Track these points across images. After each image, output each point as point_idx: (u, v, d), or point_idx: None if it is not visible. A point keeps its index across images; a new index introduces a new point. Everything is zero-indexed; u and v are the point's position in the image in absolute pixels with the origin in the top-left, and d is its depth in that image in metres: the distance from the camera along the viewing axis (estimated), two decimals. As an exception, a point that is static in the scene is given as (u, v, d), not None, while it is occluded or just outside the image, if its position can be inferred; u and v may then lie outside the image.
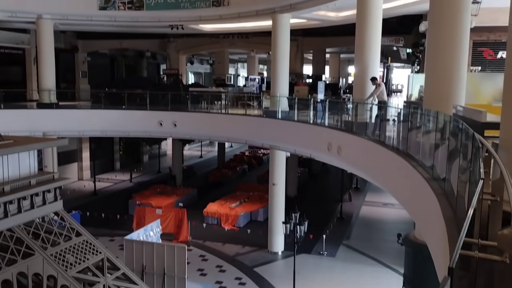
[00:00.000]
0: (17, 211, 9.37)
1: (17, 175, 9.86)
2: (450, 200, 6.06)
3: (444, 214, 5.76)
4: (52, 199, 10.26)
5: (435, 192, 6.60)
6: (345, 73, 45.15)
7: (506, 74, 5.61)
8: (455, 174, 6.01)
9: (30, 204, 9.68)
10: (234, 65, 52.42)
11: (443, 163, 7.10)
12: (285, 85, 19.91)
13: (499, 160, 4.05)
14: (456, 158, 6.23)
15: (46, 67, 21.39)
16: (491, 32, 14.31)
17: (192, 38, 31.62)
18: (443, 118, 7.48)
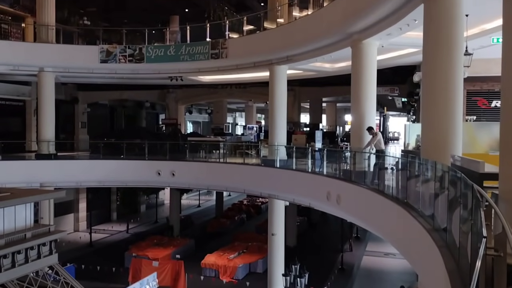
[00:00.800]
0: (11, 266, 9.16)
1: (13, 228, 9.72)
2: (453, 252, 5.96)
3: (447, 266, 5.64)
4: (47, 253, 10.06)
5: (436, 244, 6.50)
6: (342, 121, 45.69)
7: (502, 123, 5.67)
8: (456, 224, 5.95)
9: (25, 258, 9.48)
10: (232, 114, 53.08)
11: (444, 213, 7.04)
12: (283, 133, 20.10)
13: (501, 214, 4.02)
14: (456, 208, 6.18)
15: (46, 118, 21.60)
16: (484, 82, 14.64)
17: (191, 89, 32.20)
18: (441, 168, 7.50)
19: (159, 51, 21.35)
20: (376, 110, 15.96)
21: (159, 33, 24.52)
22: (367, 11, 12.19)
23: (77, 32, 25.57)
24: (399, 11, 11.40)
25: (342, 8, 13.85)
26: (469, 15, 9.91)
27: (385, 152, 13.28)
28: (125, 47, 21.51)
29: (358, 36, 14.06)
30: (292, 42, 17.22)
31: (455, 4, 9.43)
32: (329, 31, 15.01)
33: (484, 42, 12.80)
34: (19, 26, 24.58)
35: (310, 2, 18.32)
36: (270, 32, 18.95)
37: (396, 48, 15.63)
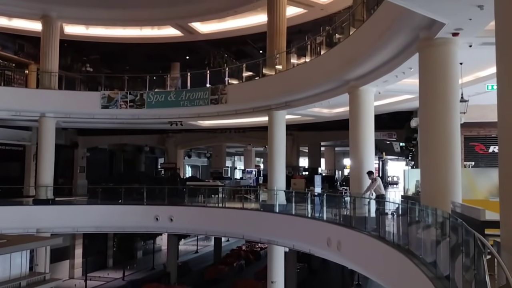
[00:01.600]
0: (3, 317, 8.90)
1: (8, 276, 9.52)
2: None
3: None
4: (41, 302, 9.81)
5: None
6: (341, 165, 45.73)
7: (500, 170, 5.70)
8: (459, 272, 5.86)
9: (18, 308, 9.24)
10: (231, 158, 53.17)
11: (446, 260, 6.96)
12: (282, 178, 20.08)
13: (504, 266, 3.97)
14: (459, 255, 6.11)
15: (45, 163, 21.62)
16: (481, 127, 14.81)
17: (190, 133, 32.44)
18: (442, 215, 7.47)
19: (160, 97, 21.69)
20: (374, 154, 16.04)
21: (160, 79, 25.01)
22: (363, 60, 12.51)
23: (80, 79, 26.05)
24: (394, 60, 11.70)
25: (339, 56, 14.22)
26: (463, 63, 10.16)
27: (385, 197, 13.24)
28: (126, 93, 21.86)
29: (355, 83, 14.35)
30: (290, 89, 17.55)
31: (449, 53, 9.70)
32: (326, 78, 15.33)
33: (479, 89, 13.06)
34: (23, 72, 25.05)
35: (307, 50, 18.78)
36: (268, 78, 19.33)
37: (393, 94, 15.91)
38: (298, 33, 22.03)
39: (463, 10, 7.88)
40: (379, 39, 10.95)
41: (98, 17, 22.91)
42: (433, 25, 9.16)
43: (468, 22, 8.39)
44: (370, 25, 11.67)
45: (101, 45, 26.21)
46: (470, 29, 8.82)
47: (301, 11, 21.27)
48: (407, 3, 7.96)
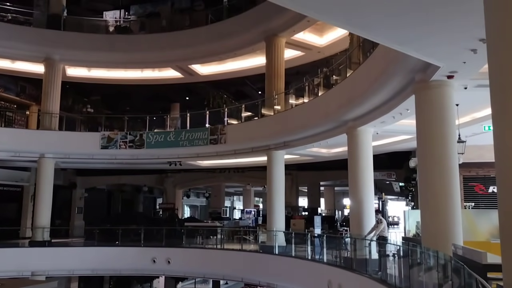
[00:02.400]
0: None
1: (-1, 322, 9.25)
2: None
3: None
4: None
5: None
6: (341, 205, 45.36)
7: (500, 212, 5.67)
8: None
9: None
10: (230, 198, 52.77)
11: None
12: (281, 218, 19.88)
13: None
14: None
15: (43, 204, 21.45)
16: (480, 167, 14.83)
17: (189, 173, 32.38)
18: (443, 258, 7.38)
19: (159, 137, 21.80)
20: (374, 194, 15.97)
21: (160, 119, 25.23)
22: (360, 101, 12.67)
23: (80, 119, 26.28)
24: (391, 101, 11.85)
25: (336, 98, 14.43)
26: (459, 104, 10.29)
27: (387, 239, 13.09)
28: (126, 133, 21.99)
29: (353, 124, 14.48)
30: (288, 129, 17.69)
31: (445, 95, 9.83)
32: (324, 119, 15.48)
33: (476, 130, 13.16)
34: (24, 113, 25.29)
35: (305, 91, 19.07)
36: (267, 119, 19.52)
37: (391, 134, 16.01)
38: (296, 75, 22.46)
39: (457, 54, 8.05)
40: (375, 81, 11.14)
41: (100, 60, 23.38)
42: (428, 68, 9.33)
43: (462, 65, 8.56)
44: (366, 67, 11.90)
45: (102, 86, 26.63)
46: (464, 72, 8.98)
47: (299, 53, 21.76)
48: (402, 47, 8.14)
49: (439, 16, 6.70)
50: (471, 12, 6.25)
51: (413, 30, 7.20)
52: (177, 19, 24.33)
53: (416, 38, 7.54)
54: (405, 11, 6.61)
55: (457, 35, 7.32)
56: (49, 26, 22.72)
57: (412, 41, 7.76)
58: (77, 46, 22.20)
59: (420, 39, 7.58)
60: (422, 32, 7.28)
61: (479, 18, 5.36)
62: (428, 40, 7.65)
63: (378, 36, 8.04)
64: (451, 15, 6.63)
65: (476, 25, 6.44)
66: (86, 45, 22.30)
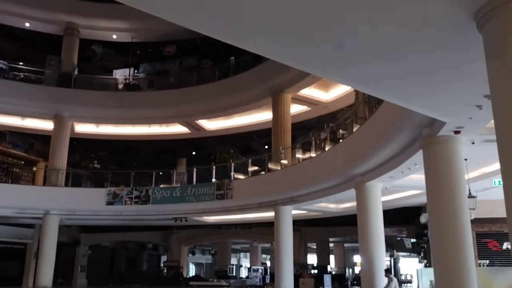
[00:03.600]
0: None
1: None
2: None
3: None
4: None
5: None
6: (351, 262, 44.09)
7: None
8: None
9: None
10: (236, 255, 51.55)
11: None
12: (290, 276, 19.20)
13: None
14: None
15: (46, 262, 20.99)
16: (492, 223, 14.44)
17: (194, 229, 31.85)
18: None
19: (165, 193, 21.64)
20: (385, 251, 15.50)
21: (166, 174, 25.15)
22: (367, 156, 12.59)
23: (87, 175, 26.28)
24: (398, 156, 11.75)
25: (343, 153, 14.37)
26: (468, 159, 10.15)
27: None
28: (132, 189, 21.88)
29: (361, 179, 14.31)
30: (296, 184, 17.50)
31: (452, 150, 9.72)
32: (332, 174, 15.34)
33: (486, 185, 12.94)
34: (31, 169, 25.36)
35: (312, 145, 19.06)
36: (274, 173, 19.40)
37: (400, 189, 15.79)
38: (302, 129, 22.56)
39: (462, 110, 8.03)
40: (382, 136, 11.10)
41: (109, 116, 23.73)
42: (435, 123, 9.29)
43: (468, 120, 8.52)
44: (372, 122, 11.91)
45: (109, 142, 26.84)
46: (471, 127, 8.92)
47: (305, 108, 22.00)
48: (407, 104, 8.14)
49: (442, 78, 6.75)
50: (474, 73, 6.29)
51: (417, 88, 7.22)
52: (185, 77, 24.90)
53: (421, 96, 7.55)
54: (407, 73, 6.67)
55: (462, 93, 7.33)
56: (60, 84, 23.26)
57: (417, 98, 7.75)
58: (86, 103, 22.62)
59: (424, 97, 7.59)
60: (426, 91, 7.29)
61: (483, 77, 5.38)
62: (433, 98, 7.65)
63: (382, 93, 8.06)
64: (454, 78, 6.70)
65: (479, 84, 6.46)
66: (95, 102, 22.72)
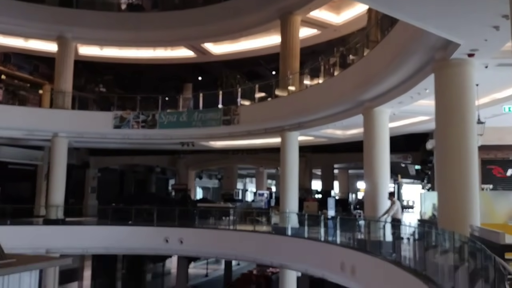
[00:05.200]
0: None
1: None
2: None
3: None
4: (47, 325, 9.57)
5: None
6: (355, 188, 45.13)
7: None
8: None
9: (23, 331, 8.98)
10: (242, 180, 52.87)
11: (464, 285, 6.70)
12: (295, 200, 19.73)
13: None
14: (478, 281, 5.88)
15: (57, 183, 21.62)
16: (499, 150, 14.49)
17: (201, 154, 32.35)
18: (459, 239, 7.20)
19: (172, 118, 21.72)
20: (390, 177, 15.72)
21: (172, 99, 25.10)
22: (377, 80, 12.36)
23: (93, 99, 26.28)
24: (409, 81, 11.52)
25: (352, 77, 14.09)
26: (479, 84, 9.94)
27: (401, 222, 12.91)
28: (138, 113, 21.95)
29: (370, 104, 14.16)
30: (303, 110, 17.42)
31: (465, 74, 9.52)
32: (340, 99, 15.19)
33: (496, 111, 12.79)
34: (37, 92, 25.36)
35: (321, 71, 18.70)
36: (281, 99, 19.26)
37: (408, 115, 15.67)
38: (311, 54, 22.04)
39: (478, 31, 7.74)
40: (394, 60, 10.82)
41: (112, 38, 23.23)
42: (448, 46, 9.02)
43: (483, 43, 8.24)
44: (384, 45, 11.56)
45: (114, 66, 26.53)
46: (486, 50, 8.66)
47: (315, 32, 21.32)
48: (422, 24, 7.86)
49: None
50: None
51: (433, 5, 6.91)
52: (190, -3, 23.98)
53: (436, 14, 7.27)
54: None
55: (479, 11, 7.01)
56: (62, 4, 22.59)
57: (432, 18, 7.48)
58: (89, 24, 22.05)
59: (440, 15, 7.31)
60: (443, 8, 6.99)
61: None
62: (449, 17, 7.37)
63: (398, 11, 7.77)
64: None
65: (498, 2, 6.13)
66: (98, 23, 22.15)
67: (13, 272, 9.29)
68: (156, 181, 38.95)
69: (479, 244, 5.97)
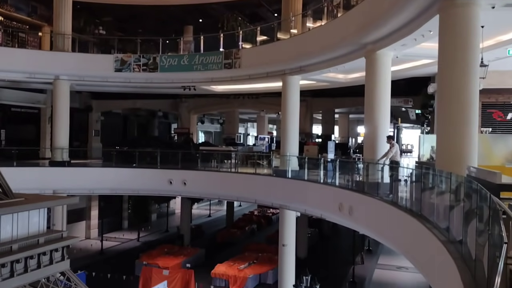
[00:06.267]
0: (23, 271, 9.17)
1: (26, 233, 9.76)
2: (468, 264, 5.86)
3: (463, 278, 5.55)
4: (59, 259, 10.08)
5: (452, 256, 6.40)
6: (355, 133, 45.43)
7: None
8: (472, 236, 5.85)
9: (37, 263, 9.51)
10: (244, 125, 53.14)
11: (459, 225, 6.94)
12: (295, 144, 20.03)
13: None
14: (472, 220, 6.09)
15: (61, 126, 21.84)
16: (500, 94, 14.49)
17: (203, 99, 32.36)
18: (456, 179, 7.41)
19: (173, 61, 21.55)
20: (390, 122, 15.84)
21: (173, 43, 24.75)
22: (381, 21, 12.17)
23: (92, 41, 25.92)
24: (413, 22, 11.36)
25: (355, 19, 13.84)
26: (484, 26, 9.81)
27: (399, 164, 13.16)
28: (139, 56, 21.76)
29: (372, 47, 14.03)
30: (305, 53, 17.25)
31: (470, 15, 9.37)
32: (343, 42, 15.01)
33: (500, 54, 12.70)
34: (36, 35, 24.97)
35: (323, 13, 18.33)
36: (283, 42, 19.02)
37: (410, 59, 15.56)
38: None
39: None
40: (399, 0, 10.61)
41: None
42: (455, -15, 8.82)
43: (492, -20, 8.07)
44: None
45: (113, 7, 25.92)
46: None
47: (318, -28, 20.68)
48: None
49: None
50: None
51: None
52: None
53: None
54: None
55: None
56: None
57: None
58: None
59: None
60: None
61: None
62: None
63: None
64: None
65: None
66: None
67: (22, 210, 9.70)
68: (159, 125, 39.19)
69: (475, 184, 6.12)
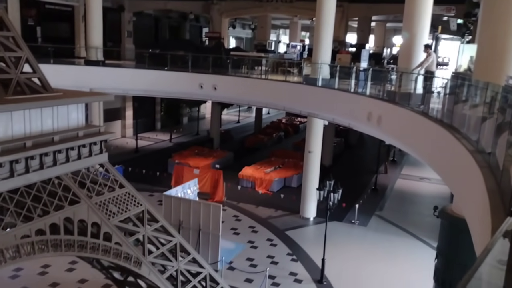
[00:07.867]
0: (65, 161, 9.78)
1: (66, 126, 10.26)
2: (495, 173, 5.93)
3: (488, 186, 5.65)
4: (98, 151, 10.65)
5: (479, 164, 6.46)
6: (390, 43, 43.78)
7: None
8: (502, 147, 5.86)
9: (78, 154, 10.09)
10: (276, 31, 51.72)
11: (489, 136, 6.92)
12: (328, 52, 19.53)
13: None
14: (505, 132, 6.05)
15: (94, 25, 21.78)
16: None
17: (235, 1, 31.38)
18: (493, 89, 7.26)
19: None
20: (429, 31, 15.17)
21: None
22: None
23: None
24: None
25: None
26: None
27: (434, 74, 12.83)
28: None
29: None
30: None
31: None
32: None
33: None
34: None
35: None
36: None
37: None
38: None
39: None
40: None
41: None
42: None
43: None
44: None
45: None
46: None
47: None
48: None
49: None
50: None
51: None
52: None
53: None
54: None
55: None
56: None
57: None
58: None
59: None
60: None
61: None
62: None
63: None
64: None
65: None
66: None
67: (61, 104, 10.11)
68: (190, 29, 38.64)
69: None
